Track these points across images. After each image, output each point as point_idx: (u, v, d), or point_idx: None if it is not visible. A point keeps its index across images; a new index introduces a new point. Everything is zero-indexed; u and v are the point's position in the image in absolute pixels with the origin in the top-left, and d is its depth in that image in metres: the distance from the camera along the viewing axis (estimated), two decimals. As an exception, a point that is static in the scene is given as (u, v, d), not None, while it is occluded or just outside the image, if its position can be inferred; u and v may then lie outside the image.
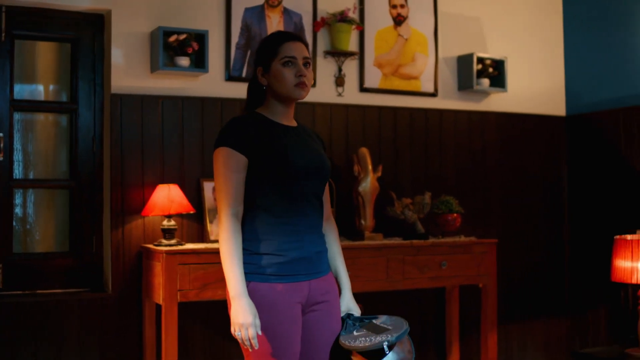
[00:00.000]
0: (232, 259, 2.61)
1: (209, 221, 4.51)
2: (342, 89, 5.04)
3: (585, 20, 5.78)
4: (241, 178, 2.67)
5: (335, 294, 2.85)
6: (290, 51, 2.76)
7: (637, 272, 4.63)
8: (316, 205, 2.81)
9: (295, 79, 2.74)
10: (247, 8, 4.78)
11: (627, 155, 5.38)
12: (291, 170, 2.69)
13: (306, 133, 2.90)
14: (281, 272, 2.66)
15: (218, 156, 2.70)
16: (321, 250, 2.82)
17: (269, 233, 2.68)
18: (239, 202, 2.66)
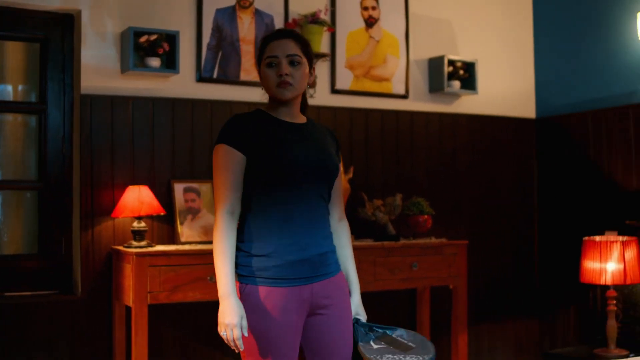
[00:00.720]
0: (223, 258, 2.58)
1: (179, 223, 4.49)
2: (313, 91, 5.04)
3: (555, 24, 5.83)
4: (239, 176, 2.63)
5: (345, 294, 2.78)
6: (272, 50, 2.70)
7: (605, 273, 4.67)
8: (319, 206, 2.74)
9: (276, 78, 2.68)
10: (218, 9, 4.76)
11: (596, 158, 5.43)
12: (289, 169, 2.63)
13: (315, 130, 2.82)
14: (278, 275, 2.60)
15: (216, 153, 2.66)
16: (325, 251, 2.73)
17: (266, 234, 2.63)
18: (235, 200, 2.62)
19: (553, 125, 5.79)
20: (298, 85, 2.71)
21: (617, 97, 5.29)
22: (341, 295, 2.76)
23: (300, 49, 2.72)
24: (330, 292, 2.71)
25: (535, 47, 5.98)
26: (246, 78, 4.82)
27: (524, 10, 5.97)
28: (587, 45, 5.54)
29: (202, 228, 4.53)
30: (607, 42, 5.38)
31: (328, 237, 2.77)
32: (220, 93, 4.76)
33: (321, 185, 2.72)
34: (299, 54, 2.71)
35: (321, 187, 2.73)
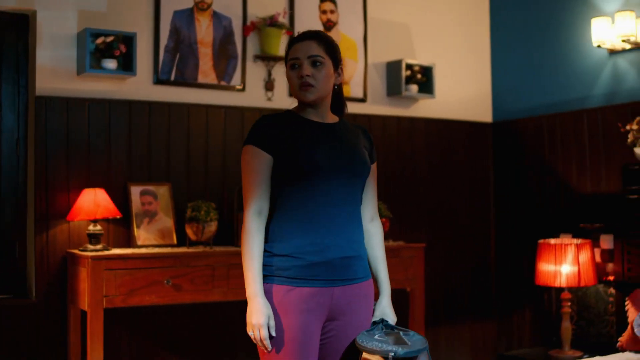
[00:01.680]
0: (250, 258, 2.57)
1: (135, 226, 4.45)
2: (271, 94, 5.03)
3: (511, 29, 5.89)
4: (266, 177, 2.63)
5: (368, 303, 2.74)
6: (294, 52, 2.69)
7: (560, 275, 4.72)
8: (346, 208, 2.69)
9: (298, 81, 2.67)
10: (176, 11, 4.74)
11: (551, 161, 5.49)
12: (313, 170, 2.61)
13: (346, 130, 2.78)
14: (299, 275, 2.59)
15: (244, 154, 2.66)
16: (350, 256, 2.67)
17: (290, 235, 2.61)
18: (263, 200, 2.62)
19: (509, 129, 5.85)
20: (320, 86, 2.67)
21: (572, 101, 5.36)
22: (364, 304, 2.72)
23: (324, 49, 2.70)
24: (352, 299, 2.67)
25: (492, 52, 6.04)
26: (204, 80, 4.80)
27: (481, 15, 6.02)
28: (543, 51, 5.61)
29: (159, 231, 4.50)
30: (562, 47, 5.45)
31: (355, 242, 2.72)
32: (177, 95, 4.74)
33: (349, 186, 2.70)
34: (322, 54, 2.69)
35: (349, 188, 2.70)
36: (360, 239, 2.76)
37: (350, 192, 2.70)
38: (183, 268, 4.15)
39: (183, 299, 4.15)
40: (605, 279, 4.93)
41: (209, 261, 4.22)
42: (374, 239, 2.83)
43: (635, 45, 4.90)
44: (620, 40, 4.89)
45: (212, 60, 4.83)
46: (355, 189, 2.73)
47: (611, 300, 4.89)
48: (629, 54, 4.98)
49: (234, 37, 4.90)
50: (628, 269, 4.60)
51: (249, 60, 4.97)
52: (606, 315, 4.91)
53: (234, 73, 4.90)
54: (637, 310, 4.18)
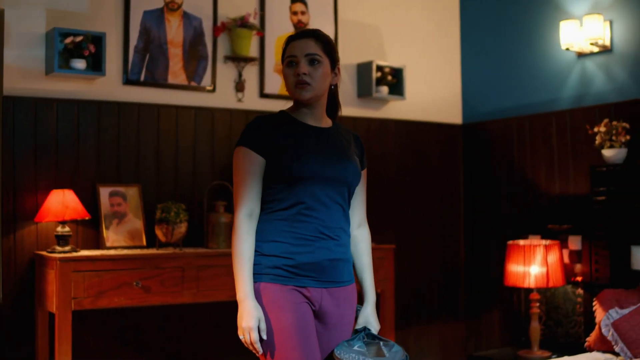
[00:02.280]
0: (241, 260, 2.57)
1: (104, 227, 4.42)
2: (242, 95, 5.02)
3: (481, 32, 5.92)
4: (258, 179, 2.63)
5: (352, 308, 2.75)
6: (291, 50, 2.68)
7: (528, 276, 4.76)
8: (334, 211, 2.70)
9: (294, 78, 2.66)
10: (146, 11, 4.71)
11: (520, 163, 5.53)
12: (305, 173, 2.61)
13: (339, 135, 2.79)
14: (288, 274, 2.59)
15: (236, 156, 2.66)
16: (338, 258, 2.69)
17: (280, 236, 2.62)
18: (254, 202, 2.62)
19: (479, 131, 5.88)
20: (317, 85, 2.66)
21: (541, 104, 5.40)
22: (349, 308, 2.74)
23: (322, 48, 2.69)
24: (340, 303, 2.69)
25: (462, 54, 6.07)
26: (174, 81, 4.78)
27: (452, 17, 6.05)
28: (512, 53, 5.65)
29: (128, 233, 4.47)
30: (531, 50, 5.49)
31: (342, 246, 2.74)
32: (147, 96, 4.71)
33: (339, 191, 2.71)
34: (319, 53, 2.67)
35: (339, 194, 2.71)
36: (348, 243, 2.78)
37: (340, 197, 2.71)
38: (152, 270, 4.12)
39: (152, 300, 4.13)
40: (573, 279, 4.98)
41: (178, 263, 4.20)
42: (361, 246, 2.86)
43: (603, 48, 4.95)
44: (589, 44, 4.94)
45: (182, 60, 4.81)
46: (345, 195, 2.75)
47: (579, 300, 4.93)
48: (597, 57, 5.03)
49: (204, 37, 4.89)
50: (596, 269, 4.65)
51: (220, 61, 4.95)
52: (574, 315, 4.95)
53: (204, 74, 4.88)
54: (604, 310, 4.22)
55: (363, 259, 2.85)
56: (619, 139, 4.59)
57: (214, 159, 4.90)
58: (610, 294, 4.30)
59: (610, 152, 4.61)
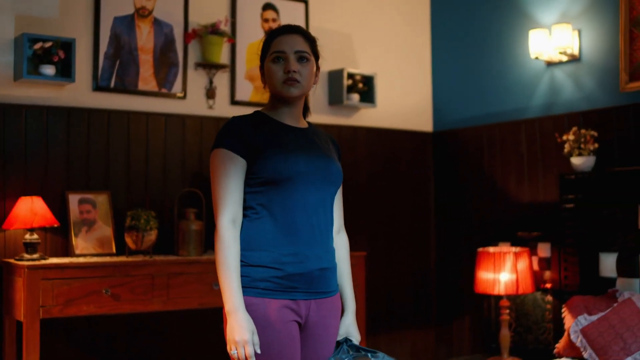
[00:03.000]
0: (228, 270, 2.40)
1: (74, 235, 4.38)
2: (213, 102, 5.01)
3: (452, 40, 5.96)
4: (239, 182, 2.48)
5: (337, 318, 2.63)
6: (279, 45, 2.57)
7: (498, 283, 4.78)
8: (322, 215, 2.57)
9: (283, 75, 2.54)
10: (116, 17, 4.69)
11: (490, 170, 5.56)
12: (292, 175, 2.48)
13: (316, 135, 2.68)
14: (277, 287, 2.45)
15: (214, 158, 2.50)
16: (327, 267, 2.57)
17: (266, 244, 2.47)
18: (236, 207, 2.47)
19: (449, 138, 5.91)
20: (305, 83, 2.59)
21: (511, 112, 5.44)
22: (334, 318, 2.62)
23: (309, 46, 2.63)
24: (326, 313, 2.57)
25: (433, 62, 6.10)
26: (144, 88, 4.75)
27: (422, 26, 6.08)
28: (483, 61, 5.68)
29: (98, 240, 4.44)
30: (501, 58, 5.53)
31: (330, 252, 2.63)
32: (117, 102, 4.68)
33: (325, 193, 2.59)
34: (308, 51, 2.61)
35: (325, 195, 2.59)
36: (334, 249, 2.68)
37: (325, 200, 2.60)
38: (122, 277, 4.09)
39: (122, 308, 4.09)
40: (542, 286, 5.01)
41: (148, 270, 4.18)
42: (340, 253, 2.74)
43: (572, 57, 4.99)
44: (558, 52, 4.98)
45: (153, 67, 4.79)
46: (330, 197, 2.62)
47: (548, 307, 4.97)
48: (566, 66, 5.07)
49: (175, 44, 4.87)
50: (565, 276, 4.68)
51: (190, 68, 4.93)
52: (544, 322, 4.98)
53: (175, 80, 4.86)
54: (573, 317, 4.25)
55: (343, 266, 2.73)
56: (588, 147, 4.63)
57: (185, 166, 4.88)
58: (579, 301, 4.33)
59: (578, 160, 4.65)
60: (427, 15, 6.11)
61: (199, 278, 4.28)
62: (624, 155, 4.68)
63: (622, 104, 4.72)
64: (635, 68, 4.61)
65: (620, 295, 4.19)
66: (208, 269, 4.32)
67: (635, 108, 4.65)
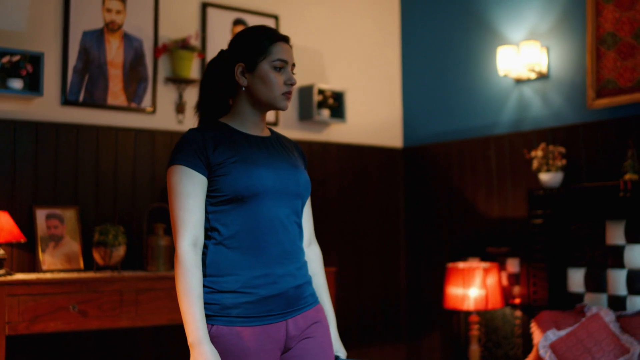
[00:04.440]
0: (190, 298, 2.20)
1: (41, 250, 4.33)
2: (182, 117, 4.99)
3: (421, 56, 5.99)
4: (199, 201, 2.28)
5: (324, 327, 2.46)
6: (282, 53, 2.42)
7: (468, 298, 4.80)
8: (292, 230, 2.41)
9: (284, 87, 2.41)
10: (85, 31, 4.66)
11: (459, 186, 5.59)
12: (258, 189, 2.30)
13: (280, 144, 2.51)
14: (250, 313, 2.27)
15: (171, 175, 2.30)
16: (301, 283, 2.41)
17: (234, 267, 2.29)
18: (197, 229, 2.27)
19: (419, 154, 5.93)
20: None
21: (480, 128, 5.48)
22: (319, 329, 2.44)
23: None
24: (308, 327, 2.40)
25: (403, 78, 6.14)
26: (113, 102, 4.72)
27: (392, 42, 6.12)
28: (452, 78, 5.72)
29: (65, 256, 4.39)
30: (470, 75, 5.57)
31: (303, 267, 2.46)
32: (86, 117, 4.65)
33: (293, 205, 2.42)
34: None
35: (293, 208, 2.42)
36: (306, 262, 2.52)
37: (295, 214, 2.44)
38: (90, 293, 4.05)
39: (90, 325, 4.05)
40: (511, 301, 5.04)
41: (116, 286, 4.14)
42: (313, 265, 2.59)
43: (540, 74, 5.04)
44: (526, 69, 5.03)
45: (122, 82, 4.77)
46: (298, 210, 2.46)
47: (517, 322, 4.99)
48: (534, 83, 5.12)
49: (145, 59, 4.85)
50: (533, 291, 4.71)
51: (160, 83, 4.92)
52: (513, 337, 5.00)
53: (145, 95, 4.84)
54: (542, 332, 4.27)
55: (318, 279, 2.58)
56: (556, 163, 4.67)
57: (154, 181, 4.85)
58: (547, 316, 4.36)
59: (547, 176, 4.69)
60: (397, 31, 6.15)
61: (168, 294, 4.25)
62: (592, 171, 4.72)
63: (590, 121, 4.77)
64: (602, 85, 4.66)
65: (588, 310, 4.22)
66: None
67: (602, 125, 4.70)
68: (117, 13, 4.78)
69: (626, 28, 4.58)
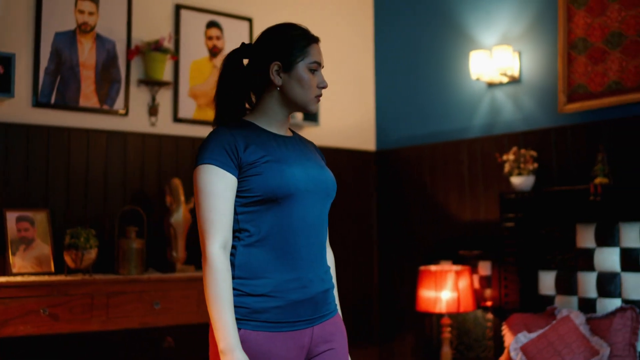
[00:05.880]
0: (221, 304, 2.14)
1: (11, 253, 4.29)
2: (155, 119, 4.97)
3: (394, 60, 6.01)
4: (230, 202, 2.21)
5: (343, 337, 2.41)
6: (317, 55, 2.38)
7: (440, 301, 4.82)
8: (321, 232, 2.35)
9: (317, 90, 2.37)
10: (57, 32, 4.63)
11: (432, 190, 5.61)
12: (291, 189, 2.24)
13: (303, 144, 2.47)
14: (278, 318, 2.22)
15: (200, 175, 2.22)
16: (328, 288, 2.35)
17: (265, 269, 2.23)
18: (227, 232, 2.20)
19: (392, 157, 5.95)
20: None
21: (453, 131, 5.51)
22: (341, 338, 2.40)
23: None
24: (330, 335, 2.35)
25: (376, 81, 6.15)
26: (85, 104, 4.69)
27: (366, 46, 6.13)
28: (425, 82, 5.75)
29: (36, 259, 4.36)
30: (443, 79, 5.60)
31: (328, 271, 2.41)
32: (57, 119, 4.62)
33: (323, 206, 2.36)
34: None
35: (321, 211, 2.35)
36: (329, 266, 2.46)
37: (323, 215, 2.37)
38: (61, 297, 4.02)
39: (60, 329, 4.02)
40: (483, 304, 5.06)
41: (87, 289, 4.11)
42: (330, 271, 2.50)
43: (512, 78, 5.08)
44: (498, 74, 5.06)
45: (95, 83, 4.74)
46: (326, 211, 2.40)
47: (489, 325, 5.02)
48: (506, 87, 5.16)
49: (117, 60, 4.83)
50: (505, 294, 4.74)
51: (133, 85, 4.89)
52: (484, 339, 5.03)
53: (117, 97, 4.82)
54: (513, 334, 4.30)
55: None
56: (527, 167, 4.71)
57: (126, 184, 4.83)
58: (518, 319, 4.39)
59: (518, 179, 4.72)
60: (371, 35, 6.17)
61: (140, 297, 4.23)
62: (563, 175, 4.76)
63: (561, 125, 4.81)
64: (573, 90, 4.71)
65: (559, 312, 4.25)
66: (149, 288, 4.27)
67: (573, 129, 4.74)
68: (90, 14, 4.75)
69: (597, 33, 4.63)
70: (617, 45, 4.53)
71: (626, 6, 4.50)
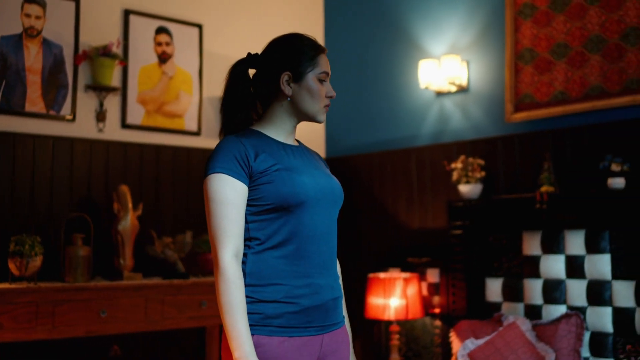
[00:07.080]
0: (235, 312, 2.14)
1: (-47, 261, 4.21)
2: (103, 125, 4.91)
3: (344, 68, 6.03)
4: (241, 210, 2.22)
5: (347, 347, 2.42)
6: (327, 66, 2.39)
7: (389, 308, 4.84)
8: (331, 240, 2.36)
9: (325, 100, 2.38)
10: (3, 36, 4.55)
11: (380, 196, 5.64)
12: (302, 197, 2.24)
13: (310, 153, 2.47)
14: (292, 324, 2.22)
15: (211, 185, 2.25)
16: (338, 296, 2.36)
17: (276, 276, 2.23)
18: (239, 240, 2.21)
19: (341, 165, 5.96)
20: None
21: (402, 139, 5.54)
22: (346, 349, 2.41)
23: None
24: (338, 346, 2.36)
25: (326, 89, 6.16)
26: (31, 109, 4.62)
27: (315, 53, 6.14)
28: (375, 90, 5.78)
29: (-21, 266, 4.28)
30: (392, 87, 5.63)
31: (338, 280, 2.41)
32: (2, 124, 4.54)
33: (332, 214, 2.37)
34: None
35: (332, 216, 2.37)
36: (338, 275, 2.47)
37: (331, 223, 2.38)
38: (4, 305, 3.94)
39: (4, 337, 3.94)
40: (431, 311, 5.09)
41: (32, 297, 4.04)
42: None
43: (461, 87, 5.13)
44: (447, 83, 5.11)
45: (41, 88, 4.67)
46: (335, 219, 2.41)
47: (437, 332, 5.05)
48: (455, 96, 5.21)
49: (64, 65, 4.76)
50: (453, 301, 4.78)
51: (80, 90, 4.83)
52: (432, 346, 5.06)
53: (64, 102, 4.75)
54: (461, 341, 4.33)
55: None
56: (475, 175, 4.75)
57: (73, 191, 4.76)
58: (466, 325, 4.42)
59: (466, 187, 4.76)
60: (321, 42, 6.17)
61: (86, 305, 4.18)
62: (509, 183, 4.82)
63: (508, 134, 4.87)
64: (520, 99, 4.77)
65: (506, 319, 4.30)
66: (96, 296, 4.21)
67: (520, 138, 4.80)
68: (37, 18, 4.68)
69: (543, 44, 4.70)
70: (562, 56, 4.61)
71: (571, 18, 4.58)
